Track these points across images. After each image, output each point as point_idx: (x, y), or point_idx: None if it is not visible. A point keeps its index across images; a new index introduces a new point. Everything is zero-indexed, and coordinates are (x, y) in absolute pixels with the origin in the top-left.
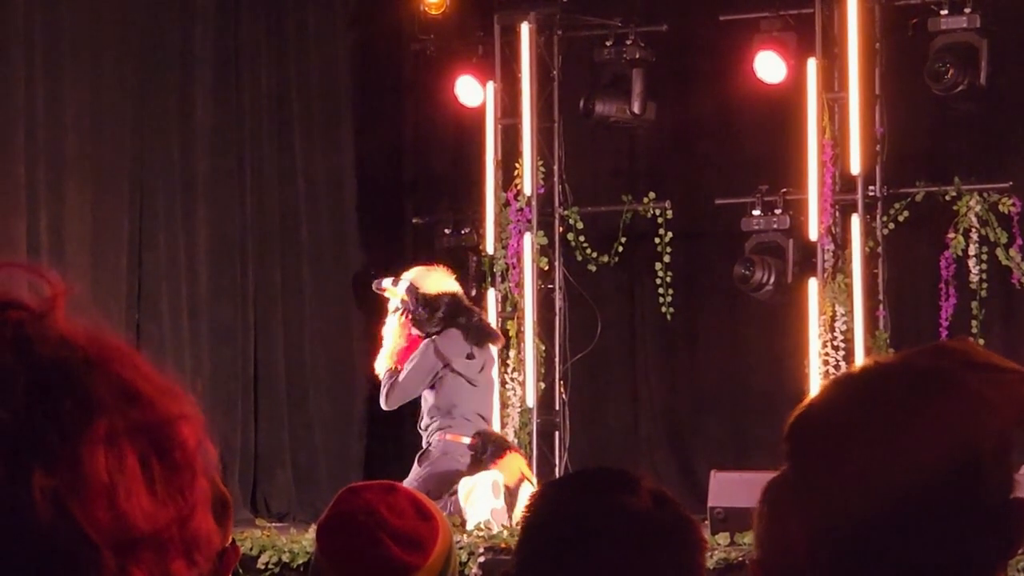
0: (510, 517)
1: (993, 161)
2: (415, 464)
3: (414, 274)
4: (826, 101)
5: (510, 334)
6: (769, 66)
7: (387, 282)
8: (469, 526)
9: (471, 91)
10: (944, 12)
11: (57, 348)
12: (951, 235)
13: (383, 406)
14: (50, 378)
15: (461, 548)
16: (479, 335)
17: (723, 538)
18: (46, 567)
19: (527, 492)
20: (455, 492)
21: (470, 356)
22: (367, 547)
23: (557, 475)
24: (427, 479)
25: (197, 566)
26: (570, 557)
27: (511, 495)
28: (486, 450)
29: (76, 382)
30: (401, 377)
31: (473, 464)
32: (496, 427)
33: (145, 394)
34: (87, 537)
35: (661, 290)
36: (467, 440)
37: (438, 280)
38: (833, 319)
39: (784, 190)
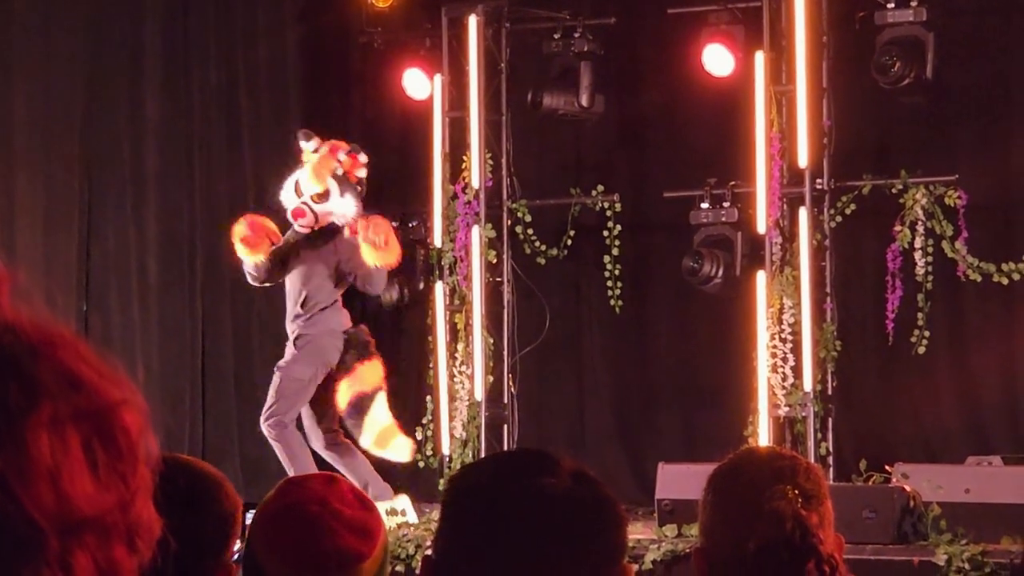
0: (362, 423)
1: (939, 154)
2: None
3: None
4: (774, 94)
5: (458, 327)
6: (717, 59)
7: None
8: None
9: (419, 84)
10: (891, 5)
11: (2, 334)
12: (897, 228)
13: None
14: None
15: (408, 540)
16: None
17: (671, 530)
18: None
19: (382, 400)
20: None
21: None
22: (321, 537)
23: None
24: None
25: (138, 553)
26: (490, 541)
27: (367, 399)
28: (350, 349)
29: (21, 367)
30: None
31: (341, 357)
32: (444, 420)
33: (89, 381)
34: (32, 519)
35: (610, 283)
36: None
37: None
38: (781, 311)
39: (732, 183)
